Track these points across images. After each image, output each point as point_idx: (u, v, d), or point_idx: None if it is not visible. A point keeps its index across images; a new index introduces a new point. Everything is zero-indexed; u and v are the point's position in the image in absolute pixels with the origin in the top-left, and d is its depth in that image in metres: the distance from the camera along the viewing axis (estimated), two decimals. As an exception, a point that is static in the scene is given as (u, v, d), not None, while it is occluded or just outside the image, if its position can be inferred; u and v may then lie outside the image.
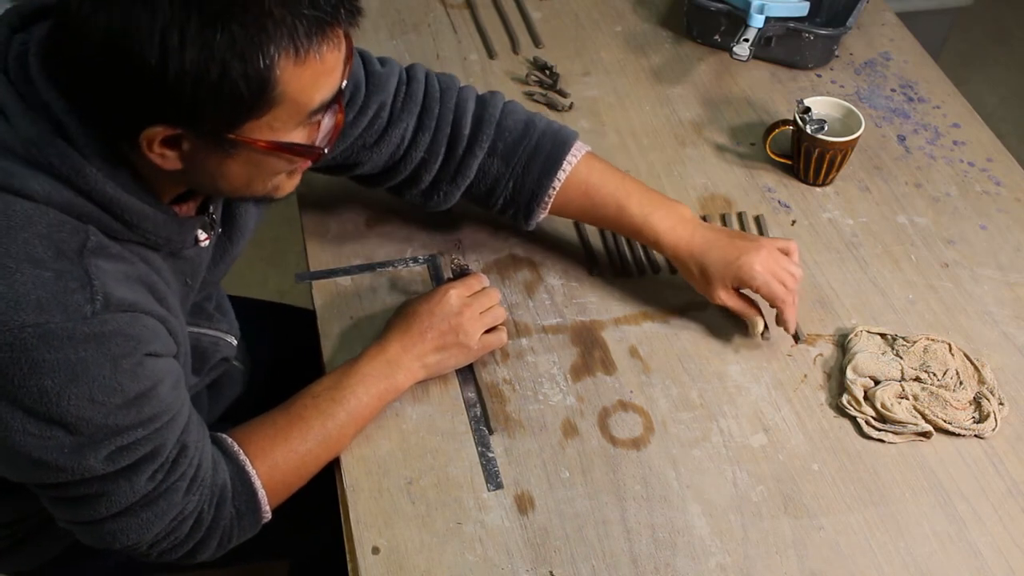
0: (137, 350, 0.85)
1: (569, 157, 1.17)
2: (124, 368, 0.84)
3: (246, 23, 0.76)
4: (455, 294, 1.13)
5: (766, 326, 1.18)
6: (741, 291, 1.17)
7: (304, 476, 1.05)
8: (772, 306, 1.16)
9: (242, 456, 1.01)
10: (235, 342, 1.17)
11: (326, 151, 0.89)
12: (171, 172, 0.85)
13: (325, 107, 0.86)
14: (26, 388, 0.81)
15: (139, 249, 0.89)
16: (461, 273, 1.19)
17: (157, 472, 0.91)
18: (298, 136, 0.86)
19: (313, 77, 0.81)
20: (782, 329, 1.20)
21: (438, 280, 1.25)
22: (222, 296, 1.19)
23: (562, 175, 1.17)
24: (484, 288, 1.17)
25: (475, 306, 1.13)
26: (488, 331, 1.15)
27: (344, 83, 0.87)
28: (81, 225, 0.84)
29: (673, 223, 1.16)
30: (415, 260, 1.28)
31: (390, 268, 1.27)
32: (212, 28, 0.75)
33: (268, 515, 1.03)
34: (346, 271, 1.26)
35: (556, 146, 1.17)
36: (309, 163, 0.91)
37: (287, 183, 0.93)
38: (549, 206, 1.19)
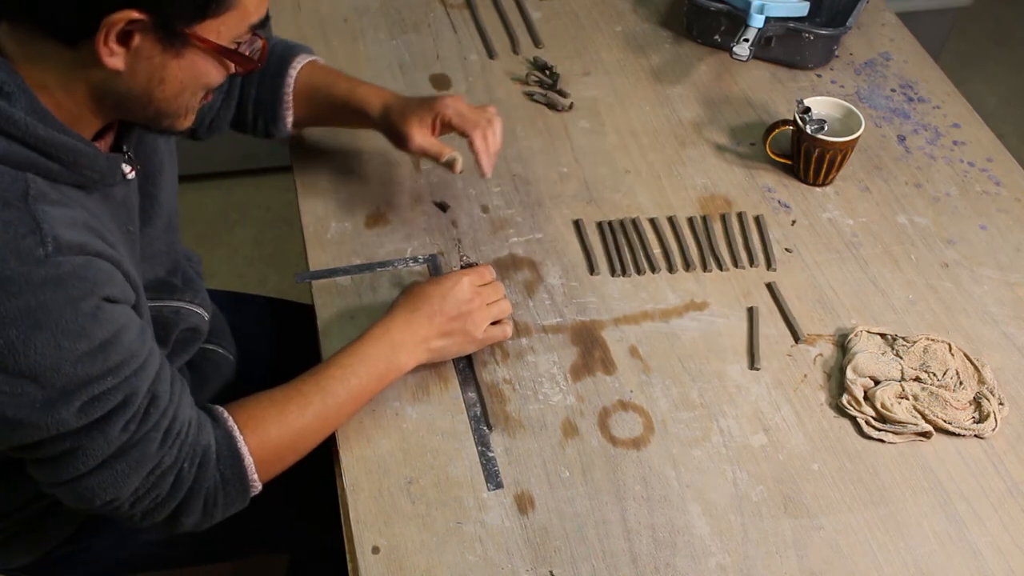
0: (94, 292, 0.86)
1: (297, 61, 1.28)
2: (84, 311, 0.85)
3: None
4: (468, 281, 1.13)
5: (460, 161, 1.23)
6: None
7: (299, 451, 1.05)
8: (464, 134, 1.22)
9: (230, 422, 1.00)
10: (205, 315, 1.16)
11: (260, 66, 0.95)
12: (101, 91, 0.88)
13: (255, 27, 0.91)
14: None
15: (76, 194, 0.90)
16: (470, 266, 1.19)
17: (130, 423, 0.91)
18: None
19: None
20: (783, 329, 1.21)
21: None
22: (190, 275, 1.18)
23: (293, 72, 1.27)
24: (492, 281, 1.18)
25: (484, 296, 1.14)
26: (492, 324, 1.15)
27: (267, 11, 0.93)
28: (19, 173, 0.85)
29: (380, 92, 1.26)
30: (415, 260, 1.28)
31: (390, 268, 1.27)
32: None
33: (257, 485, 1.02)
34: (346, 271, 1.26)
35: (287, 52, 1.29)
36: (219, 83, 0.95)
37: (192, 112, 0.96)
38: (290, 107, 1.28)
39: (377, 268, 1.27)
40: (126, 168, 0.97)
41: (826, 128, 1.35)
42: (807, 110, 1.36)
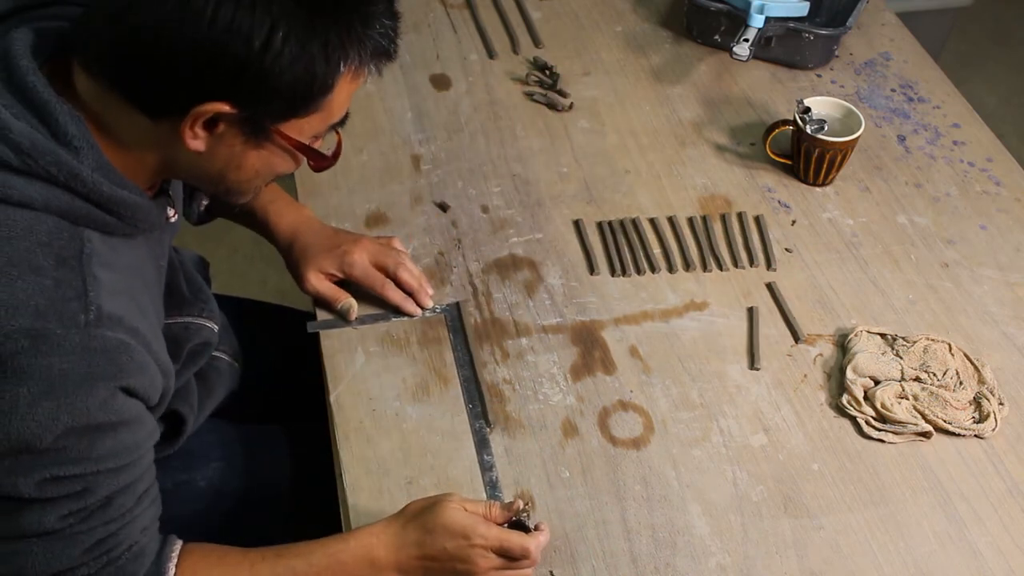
0: (116, 378, 0.83)
1: None
2: (98, 395, 0.82)
3: (340, 32, 0.83)
4: (486, 565, 0.96)
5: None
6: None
7: None
8: (376, 293, 1.21)
9: (169, 564, 0.93)
10: (215, 328, 1.14)
11: (334, 163, 0.96)
12: (173, 163, 0.89)
13: (336, 125, 0.92)
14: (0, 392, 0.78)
15: (123, 243, 0.90)
16: (517, 523, 0.97)
17: (71, 515, 0.85)
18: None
19: (349, 95, 0.89)
20: (783, 329, 1.21)
21: (454, 332, 1.20)
22: (198, 283, 1.17)
23: None
24: (530, 558, 0.98)
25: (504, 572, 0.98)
26: None
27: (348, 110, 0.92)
28: (77, 230, 0.84)
29: (293, 216, 1.25)
30: (433, 310, 1.22)
31: (405, 317, 1.21)
32: (312, 30, 0.81)
33: None
34: (360, 320, 1.20)
35: None
36: (290, 172, 0.96)
37: (256, 193, 0.98)
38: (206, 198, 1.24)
39: (392, 318, 1.21)
40: (170, 212, 0.98)
41: (826, 128, 1.35)
42: (807, 110, 1.36)
